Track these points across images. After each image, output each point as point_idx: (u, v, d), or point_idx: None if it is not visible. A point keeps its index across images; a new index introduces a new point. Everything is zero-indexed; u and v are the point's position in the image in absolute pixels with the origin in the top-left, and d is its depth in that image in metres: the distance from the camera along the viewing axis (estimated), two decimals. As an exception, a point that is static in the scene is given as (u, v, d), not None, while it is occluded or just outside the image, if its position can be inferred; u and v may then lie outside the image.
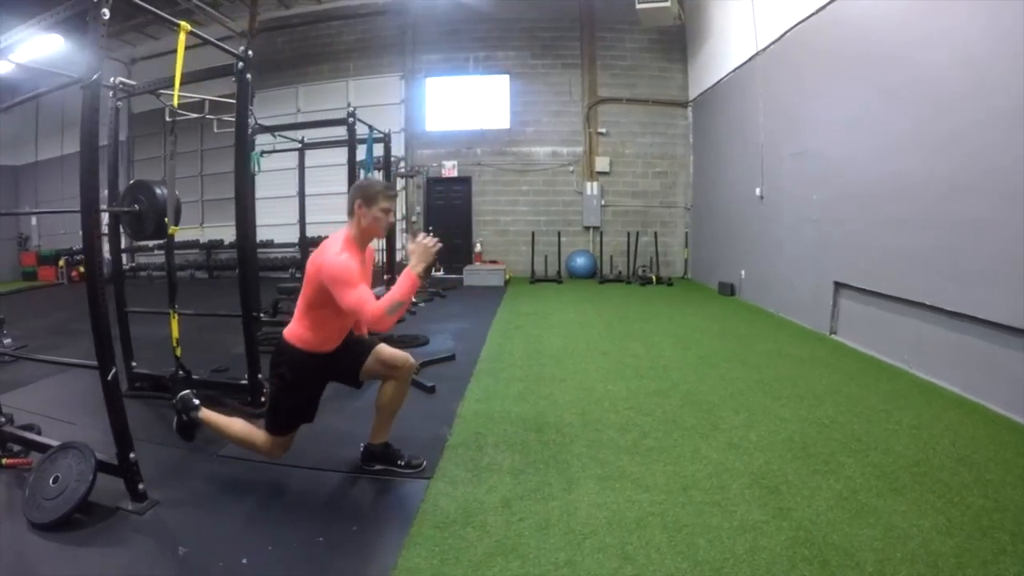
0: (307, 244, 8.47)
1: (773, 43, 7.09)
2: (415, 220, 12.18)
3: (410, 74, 11.90)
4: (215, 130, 6.90)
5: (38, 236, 15.10)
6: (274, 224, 11.82)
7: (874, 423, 3.40)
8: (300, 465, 3.05)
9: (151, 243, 13.51)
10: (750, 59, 7.79)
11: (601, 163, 11.11)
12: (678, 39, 10.82)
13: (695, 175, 10.83)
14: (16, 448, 3.29)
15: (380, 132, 7.63)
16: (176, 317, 4.00)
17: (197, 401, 3.16)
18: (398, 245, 9.37)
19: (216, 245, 13.36)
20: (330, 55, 12.28)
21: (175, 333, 3.92)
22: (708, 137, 9.90)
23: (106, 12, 2.62)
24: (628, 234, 10.83)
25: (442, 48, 11.71)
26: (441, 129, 12.01)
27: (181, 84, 4.46)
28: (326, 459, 3.13)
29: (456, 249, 12.03)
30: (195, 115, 5.80)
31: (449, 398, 4.18)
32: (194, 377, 4.40)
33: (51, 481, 2.67)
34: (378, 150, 8.36)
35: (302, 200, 8.68)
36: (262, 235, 12.56)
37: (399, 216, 11.84)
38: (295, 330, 2.75)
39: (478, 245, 11.80)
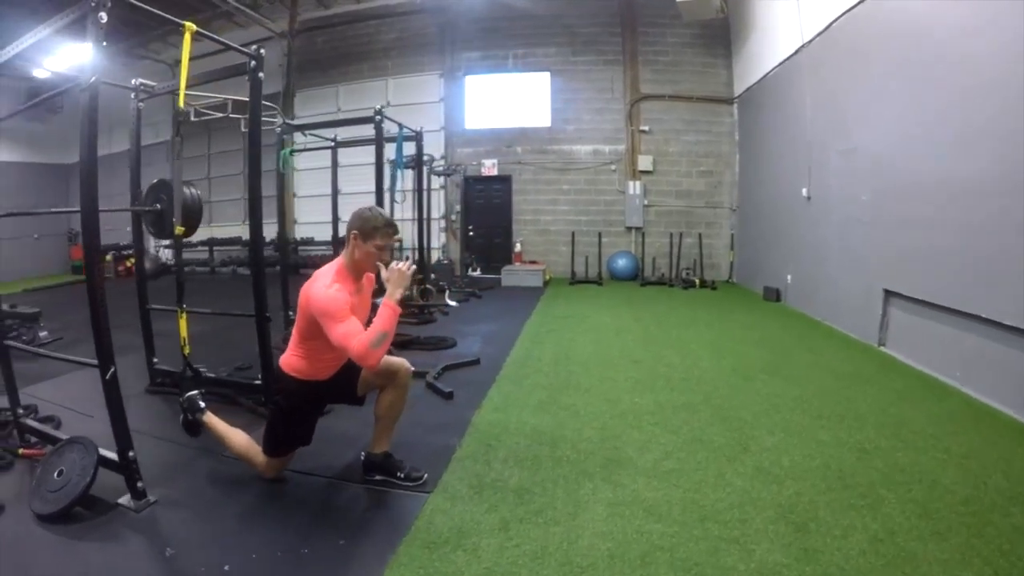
0: (340, 242, 8.53)
1: (819, 35, 6.71)
2: (454, 219, 12.12)
3: (449, 72, 11.84)
4: (242, 129, 6.95)
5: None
6: (314, 222, 12.02)
7: (920, 450, 3.07)
8: (301, 471, 3.02)
9: (193, 239, 14.02)
10: (796, 52, 7.40)
11: (644, 161, 10.79)
12: (721, 33, 10.42)
13: (741, 174, 10.40)
14: (34, 439, 3.42)
15: (411, 130, 7.56)
16: (184, 316, 3.99)
17: (203, 404, 3.25)
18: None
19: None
20: (369, 54, 12.35)
21: (183, 332, 3.90)
22: (754, 135, 9.48)
23: (103, 16, 2.68)
24: (671, 235, 10.50)
25: (481, 46, 11.61)
26: (481, 127, 11.90)
27: (198, 85, 4.49)
28: (331, 465, 3.09)
29: (496, 249, 11.96)
30: (219, 115, 5.83)
31: (466, 405, 4.06)
32: (208, 375, 4.42)
33: (56, 474, 2.76)
34: (410, 148, 8.33)
35: (335, 198, 8.73)
36: (302, 232, 12.77)
37: (438, 214, 11.86)
38: (290, 359, 2.75)
39: (518, 245, 11.66)
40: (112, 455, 2.75)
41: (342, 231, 7.76)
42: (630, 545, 2.24)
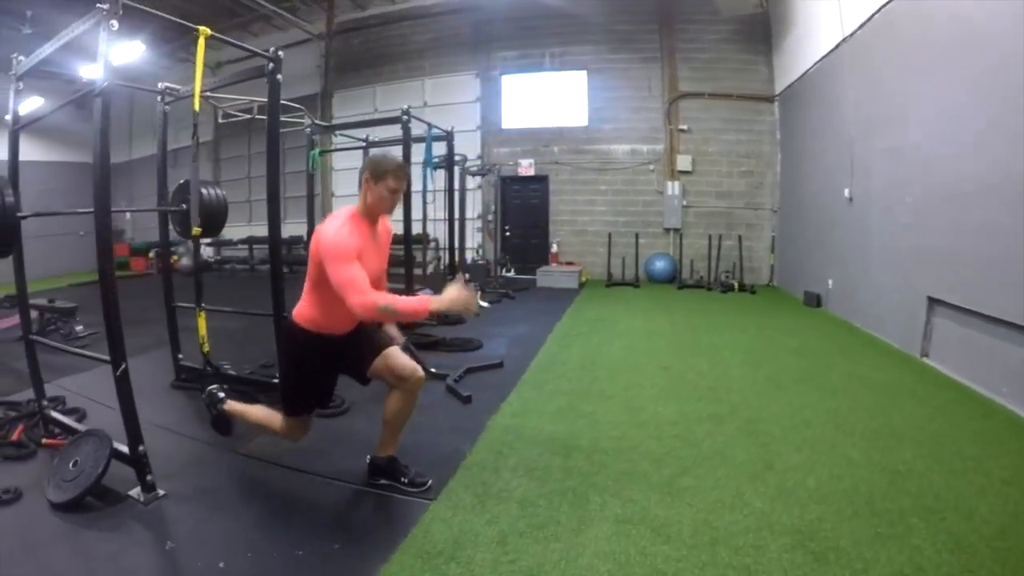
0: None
1: (861, 27, 6.37)
2: (490, 219, 12.08)
3: (485, 72, 11.81)
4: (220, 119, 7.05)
5: (132, 229, 16.39)
6: None
7: (958, 474, 2.83)
8: (308, 471, 3.07)
9: (234, 238, 14.39)
10: (836, 47, 7.06)
11: (683, 161, 10.51)
12: (761, 29, 10.04)
13: (782, 175, 10.02)
14: (57, 430, 3.57)
15: (441, 130, 7.53)
16: (203, 315, 4.05)
17: (222, 395, 3.29)
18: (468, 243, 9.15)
19: (296, 241, 13.83)
20: (405, 54, 12.40)
21: (202, 330, 3.96)
22: (796, 133, 9.12)
23: (115, 23, 2.75)
24: (710, 237, 10.19)
25: (517, 45, 11.52)
26: (518, 127, 11.82)
27: (223, 87, 4.55)
28: (338, 467, 3.08)
29: (532, 249, 11.85)
30: (246, 116, 5.91)
31: (483, 410, 4.01)
32: (230, 373, 4.50)
33: (71, 464, 2.87)
34: (441, 148, 8.30)
35: (406, 202, 8.79)
36: None
37: (474, 215, 11.82)
38: (302, 310, 2.67)
39: (554, 246, 11.52)
40: (125, 448, 2.84)
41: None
42: (632, 568, 2.13)
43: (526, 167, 11.72)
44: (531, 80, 11.62)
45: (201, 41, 3.52)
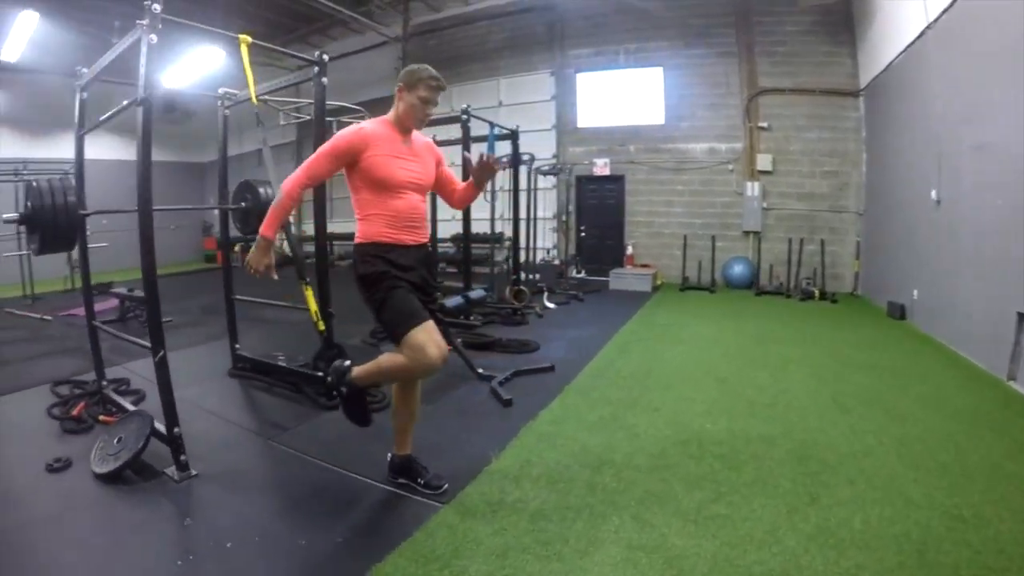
0: (435, 242, 8.66)
1: (946, 10, 5.74)
2: (565, 219, 11.93)
3: (560, 70, 11.66)
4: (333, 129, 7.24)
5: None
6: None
7: (1033, 525, 2.44)
8: (333, 463, 3.15)
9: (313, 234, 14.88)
10: (921, 34, 6.40)
11: (763, 161, 9.92)
12: (843, 18, 9.29)
13: (868, 175, 9.24)
14: (113, 409, 3.88)
15: (505, 128, 7.46)
16: (310, 290, 4.17)
17: (348, 362, 2.80)
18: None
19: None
20: (480, 55, 12.44)
21: (313, 307, 4.09)
22: (882, 130, 8.36)
23: (154, 37, 3.00)
24: (790, 241, 9.58)
25: (592, 42, 11.28)
26: (593, 125, 11.58)
27: (271, 92, 4.72)
28: (365, 462, 3.10)
29: (607, 250, 11.60)
30: (307, 117, 6.09)
31: (521, 415, 3.93)
32: (281, 364, 4.65)
33: (116, 440, 3.14)
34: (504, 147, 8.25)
35: (433, 199, 8.86)
36: None
37: (549, 214, 11.73)
38: (358, 229, 2.59)
39: (630, 247, 11.21)
40: (164, 429, 3.06)
41: (444, 229, 7.77)
42: (631, 602, 1.97)
43: (601, 166, 11.48)
44: (606, 78, 11.33)
45: (244, 48, 3.74)
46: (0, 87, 11.34)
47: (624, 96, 11.20)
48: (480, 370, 4.92)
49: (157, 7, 2.98)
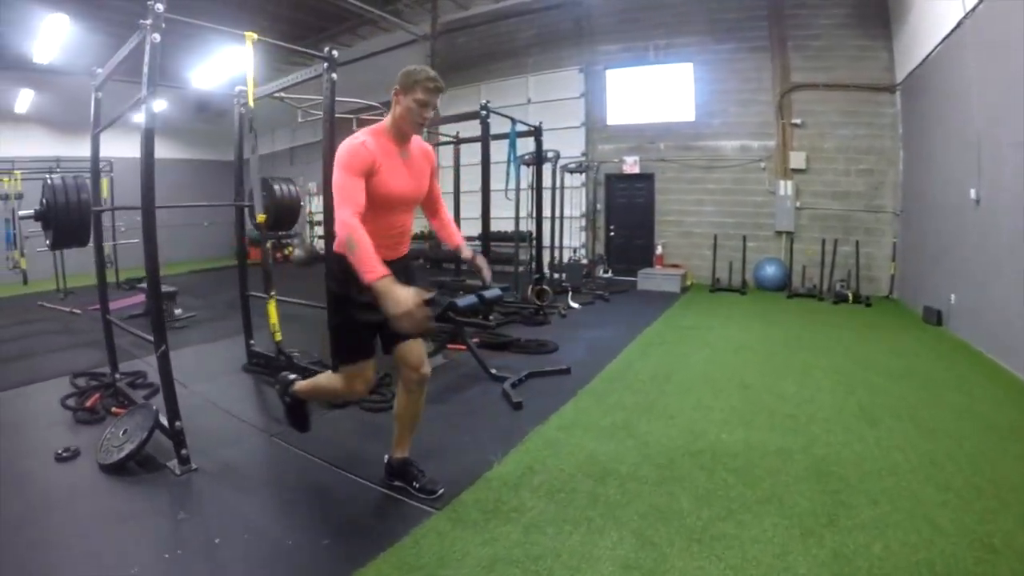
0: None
1: (982, 0, 5.39)
2: (594, 218, 11.73)
3: (589, 66, 11.43)
4: (353, 128, 7.22)
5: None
6: (462, 218, 12.23)
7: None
8: (332, 463, 3.14)
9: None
10: (958, 25, 6.01)
11: (796, 159, 9.52)
12: (879, 10, 8.82)
13: (905, 173, 8.75)
14: (125, 401, 3.96)
15: (527, 125, 7.32)
16: (274, 302, 4.23)
17: (293, 376, 3.08)
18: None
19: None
20: (509, 52, 12.30)
21: (273, 318, 4.11)
22: (918, 127, 7.92)
23: (157, 36, 3.02)
24: (823, 242, 9.19)
25: (621, 38, 11.03)
26: (623, 123, 11.33)
27: (284, 89, 4.72)
28: (364, 463, 3.07)
29: (636, 250, 11.33)
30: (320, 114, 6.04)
31: (531, 418, 3.83)
32: (298, 362, 4.62)
33: (121, 432, 3.21)
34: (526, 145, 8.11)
35: (456, 196, 8.81)
36: None
37: (578, 213, 11.54)
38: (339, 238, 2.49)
39: (659, 247, 10.92)
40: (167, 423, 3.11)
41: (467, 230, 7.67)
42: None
43: (631, 164, 11.22)
44: (636, 74, 11.06)
45: (249, 45, 3.71)
46: (36, 88, 11.68)
47: (654, 93, 10.91)
48: (493, 371, 4.82)
49: (160, 7, 2.99)
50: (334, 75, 3.93)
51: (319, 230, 16.24)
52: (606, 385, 4.58)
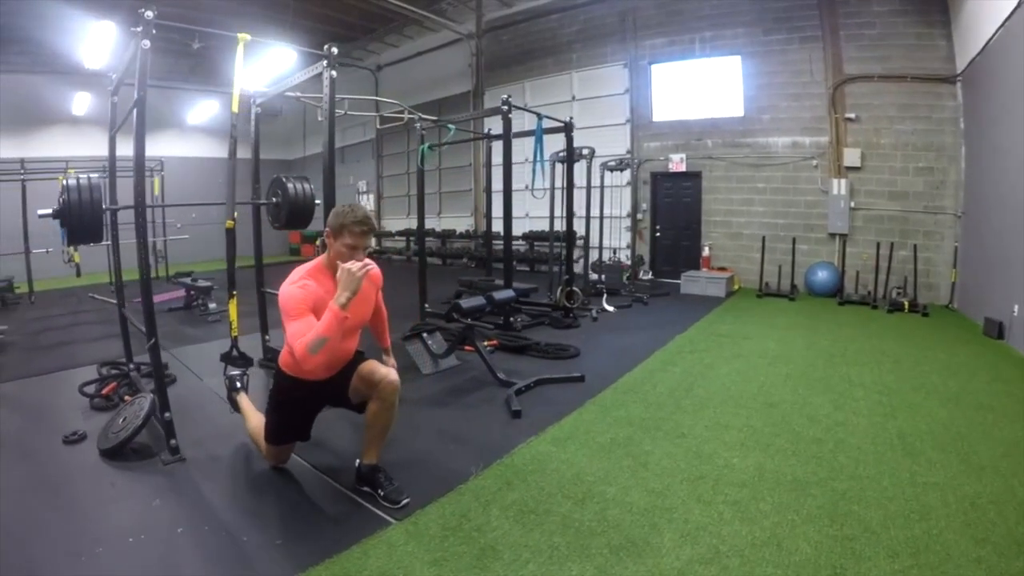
0: (492, 238, 8.33)
1: None
2: (640, 218, 11.25)
3: (633, 61, 10.93)
4: (377, 125, 7.08)
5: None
6: (502, 217, 11.98)
7: None
8: (312, 463, 3.09)
9: (393, 230, 15.10)
10: (1019, 5, 5.28)
11: (850, 156, 8.74)
12: None
13: (967, 172, 7.87)
14: (136, 390, 4.01)
15: (556, 121, 6.95)
16: (235, 301, 4.49)
17: (240, 384, 3.50)
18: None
19: (449, 234, 14.08)
20: (553, 48, 11.95)
21: (233, 316, 4.25)
22: (981, 121, 7.09)
23: (147, 43, 3.12)
24: (878, 245, 8.40)
25: (665, 31, 10.48)
26: (668, 119, 10.78)
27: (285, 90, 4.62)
28: (346, 466, 2.96)
29: (682, 251, 10.80)
30: (340, 112, 5.92)
31: (527, 428, 3.57)
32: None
33: (121, 420, 3.32)
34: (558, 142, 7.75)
35: (488, 193, 8.52)
36: (497, 227, 12.82)
37: (623, 212, 11.10)
38: (284, 354, 2.70)
39: (706, 249, 10.33)
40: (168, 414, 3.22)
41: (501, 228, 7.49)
42: None
43: (677, 162, 10.67)
44: (682, 68, 10.51)
45: (240, 46, 3.75)
46: (92, 92, 12.14)
47: (700, 88, 10.34)
48: (501, 375, 4.56)
49: (150, 14, 3.10)
50: (333, 72, 3.80)
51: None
52: (618, 396, 4.23)
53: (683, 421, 3.70)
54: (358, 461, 2.79)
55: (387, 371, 2.62)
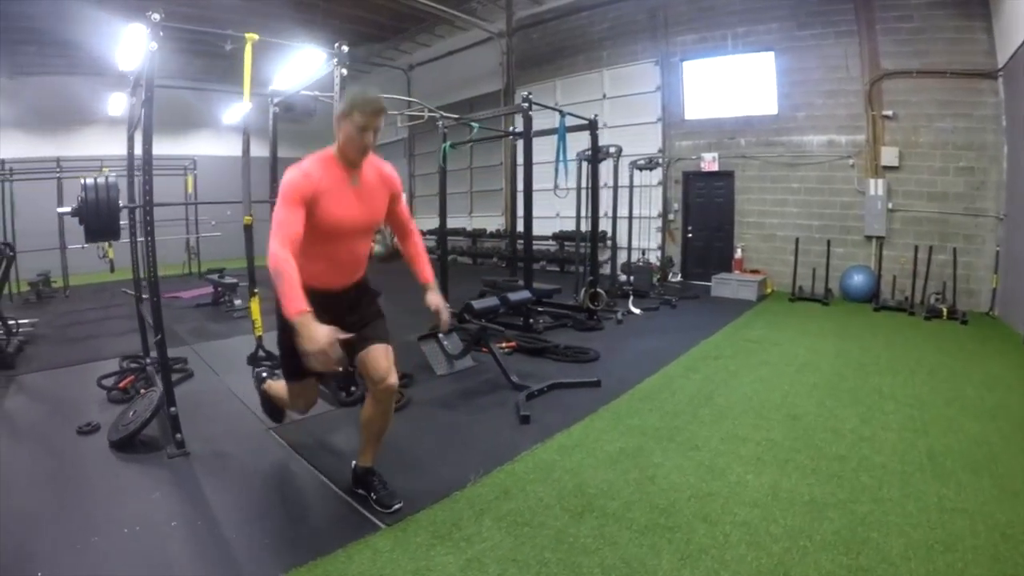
0: (517, 238, 8.20)
1: None
2: (672, 219, 10.96)
3: (665, 58, 10.64)
4: (398, 124, 7.06)
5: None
6: (539, 216, 11.83)
7: None
8: (313, 463, 3.06)
9: (424, 229, 15.13)
10: None
11: (888, 155, 8.29)
12: None
13: (1010, 172, 7.36)
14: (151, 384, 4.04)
15: (579, 118, 6.77)
16: (257, 298, 4.47)
17: (265, 374, 3.46)
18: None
19: (480, 233, 14.00)
20: (583, 46, 11.74)
21: (255, 315, 4.13)
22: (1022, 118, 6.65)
23: (154, 45, 3.24)
24: (916, 248, 7.96)
25: (697, 27, 10.17)
26: (701, 117, 10.47)
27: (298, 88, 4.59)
28: (341, 466, 2.90)
29: (714, 253, 10.46)
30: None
31: (534, 435, 3.46)
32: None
33: (131, 413, 3.36)
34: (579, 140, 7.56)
35: (513, 192, 8.37)
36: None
37: (653, 214, 10.81)
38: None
39: (739, 250, 10.00)
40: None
41: (543, 228, 7.34)
42: None
43: (709, 161, 10.35)
44: (714, 65, 10.18)
45: (248, 47, 3.74)
46: (127, 93, 12.32)
47: (733, 85, 9.99)
48: (514, 378, 4.45)
49: (156, 16, 3.18)
50: (343, 71, 3.81)
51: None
52: (634, 403, 4.07)
53: (698, 432, 3.52)
54: (354, 463, 2.72)
55: (387, 371, 2.40)
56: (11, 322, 5.75)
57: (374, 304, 2.61)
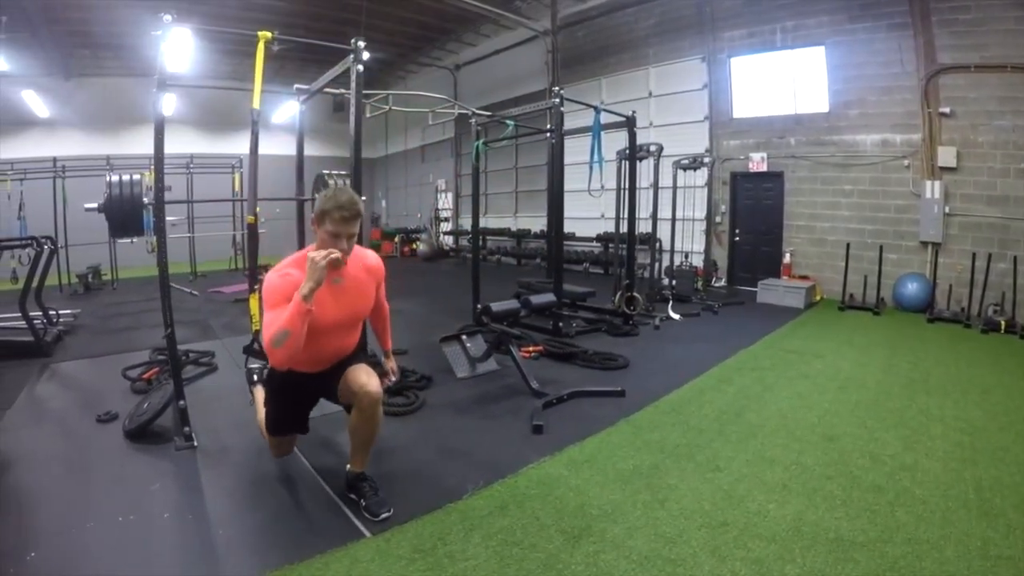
0: (550, 239, 7.99)
1: None
2: (719, 221, 10.47)
3: (712, 55, 10.18)
4: (428, 122, 6.90)
5: (387, 216, 18.23)
6: (578, 217, 11.77)
7: None
8: (313, 463, 3.02)
9: (467, 227, 15.02)
10: None
11: (945, 155, 7.63)
12: None
13: None
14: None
15: (617, 115, 6.46)
16: (256, 294, 4.23)
17: (258, 377, 3.51)
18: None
19: (524, 234, 13.83)
20: (629, 43, 11.36)
21: (254, 309, 4.12)
22: None
23: (166, 46, 3.35)
24: (974, 256, 7.32)
25: (744, 22, 9.66)
26: (749, 115, 9.98)
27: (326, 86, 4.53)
28: (339, 469, 2.80)
29: (762, 258, 9.93)
30: (386, 108, 5.77)
31: (544, 446, 3.28)
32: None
33: (145, 404, 3.42)
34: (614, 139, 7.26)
35: (551, 193, 8.13)
36: (569, 227, 12.40)
37: (699, 215, 10.36)
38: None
39: (787, 255, 9.45)
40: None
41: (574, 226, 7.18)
42: None
43: (757, 161, 9.81)
44: (762, 61, 9.68)
45: (260, 44, 3.73)
46: (176, 93, 12.72)
47: (783, 81, 9.48)
48: (535, 384, 4.25)
49: (168, 17, 3.27)
50: (360, 67, 3.67)
51: (445, 226, 16.41)
52: (657, 416, 3.82)
53: (722, 452, 3.25)
54: (348, 466, 2.64)
55: (366, 381, 2.39)
56: (51, 312, 5.95)
57: (353, 358, 2.64)
